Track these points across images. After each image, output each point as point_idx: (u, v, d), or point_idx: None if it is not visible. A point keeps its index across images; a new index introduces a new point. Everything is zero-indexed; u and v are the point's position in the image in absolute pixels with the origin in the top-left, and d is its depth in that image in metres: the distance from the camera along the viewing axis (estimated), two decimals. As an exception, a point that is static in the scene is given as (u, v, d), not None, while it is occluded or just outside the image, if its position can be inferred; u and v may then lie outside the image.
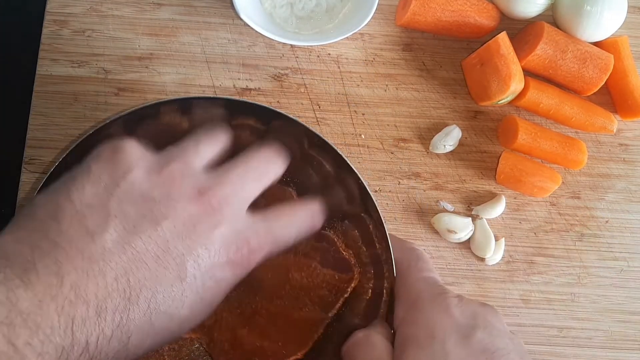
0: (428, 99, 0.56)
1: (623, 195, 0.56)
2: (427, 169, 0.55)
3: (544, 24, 0.54)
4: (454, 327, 0.34)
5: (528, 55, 0.54)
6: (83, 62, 0.54)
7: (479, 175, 0.55)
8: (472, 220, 0.53)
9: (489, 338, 0.34)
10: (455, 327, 0.34)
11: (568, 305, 0.53)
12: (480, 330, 0.34)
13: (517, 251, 0.54)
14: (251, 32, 0.55)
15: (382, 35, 0.57)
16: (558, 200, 0.55)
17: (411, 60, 0.57)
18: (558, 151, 0.54)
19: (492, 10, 0.56)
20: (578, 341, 0.53)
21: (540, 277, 0.53)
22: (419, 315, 0.36)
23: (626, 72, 0.56)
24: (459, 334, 0.34)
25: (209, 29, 0.56)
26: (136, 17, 0.55)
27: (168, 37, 0.55)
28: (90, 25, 0.55)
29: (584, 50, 0.54)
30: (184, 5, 0.56)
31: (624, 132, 0.57)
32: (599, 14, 0.54)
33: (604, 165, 0.56)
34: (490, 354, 0.33)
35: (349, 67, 0.56)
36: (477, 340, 0.34)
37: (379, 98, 0.56)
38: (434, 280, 0.38)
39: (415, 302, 0.37)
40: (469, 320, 0.35)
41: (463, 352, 0.33)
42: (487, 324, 0.35)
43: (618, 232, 0.55)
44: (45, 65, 0.54)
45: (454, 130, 0.54)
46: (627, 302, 0.54)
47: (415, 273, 0.39)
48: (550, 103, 0.54)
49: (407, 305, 0.37)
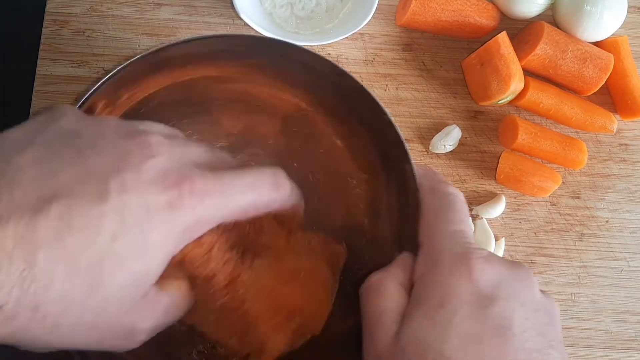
0: (428, 99, 0.56)
1: (623, 195, 0.56)
2: (427, 168, 0.55)
3: (544, 24, 0.54)
4: (470, 295, 0.31)
5: (528, 55, 0.54)
6: (83, 62, 0.54)
7: (479, 175, 0.55)
8: (472, 220, 0.53)
9: (507, 311, 0.31)
10: (471, 296, 0.31)
11: (568, 305, 0.53)
12: (501, 301, 0.31)
13: (517, 251, 0.54)
14: (251, 32, 0.55)
15: (382, 35, 0.57)
16: (558, 200, 0.55)
17: (411, 60, 0.57)
18: (558, 151, 0.54)
19: (492, 10, 0.56)
20: (578, 341, 0.53)
21: (540, 277, 0.53)
22: (435, 278, 0.33)
23: (626, 72, 0.56)
24: (473, 304, 0.31)
25: (209, 29, 0.56)
26: (136, 17, 0.56)
27: (168, 37, 0.55)
28: (90, 25, 0.55)
29: (584, 50, 0.54)
30: (184, 5, 0.56)
31: (624, 132, 0.57)
32: (599, 14, 0.54)
33: (604, 165, 0.56)
34: (503, 330, 0.30)
35: (349, 67, 0.56)
36: (493, 315, 0.30)
37: (379, 98, 0.55)
38: (462, 236, 0.34)
39: (436, 261, 0.33)
40: (491, 289, 0.31)
41: (473, 326, 0.30)
42: (511, 293, 0.31)
43: (618, 232, 0.55)
44: (45, 65, 0.54)
45: (454, 130, 0.54)
46: (627, 302, 0.54)
47: (442, 225, 0.35)
48: (550, 103, 0.54)
49: (427, 262, 0.34)
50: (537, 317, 0.31)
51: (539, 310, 0.32)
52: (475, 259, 0.32)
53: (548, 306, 0.33)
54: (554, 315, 0.33)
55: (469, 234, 0.35)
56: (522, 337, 0.30)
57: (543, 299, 0.33)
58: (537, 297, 0.33)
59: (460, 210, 0.35)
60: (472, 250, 0.33)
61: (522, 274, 0.33)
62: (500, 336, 0.30)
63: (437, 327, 0.30)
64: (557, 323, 0.33)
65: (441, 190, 0.36)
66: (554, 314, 0.33)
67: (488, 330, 0.30)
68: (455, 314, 0.30)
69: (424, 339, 0.30)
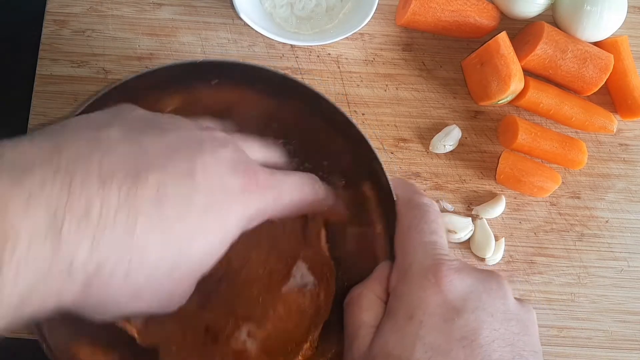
0: (428, 99, 0.56)
1: (623, 195, 0.56)
2: (427, 169, 0.55)
3: (543, 24, 0.54)
4: (438, 307, 0.31)
5: (528, 55, 0.54)
6: (83, 62, 0.54)
7: (479, 175, 0.55)
8: (472, 220, 0.53)
9: (474, 323, 0.31)
10: (439, 308, 0.31)
11: (568, 305, 0.53)
12: (468, 312, 0.31)
13: (517, 251, 0.54)
14: (251, 32, 0.55)
15: (382, 35, 0.57)
16: (558, 200, 0.55)
17: (411, 60, 0.57)
18: (558, 151, 0.54)
19: (492, 10, 0.56)
20: (578, 341, 0.53)
21: (540, 277, 0.53)
22: (405, 290, 0.33)
23: (626, 72, 0.56)
24: (441, 316, 0.31)
25: (208, 29, 0.56)
26: (136, 17, 0.55)
27: (168, 37, 0.55)
28: (90, 25, 0.55)
29: (584, 50, 0.54)
30: (183, 5, 0.56)
31: (623, 132, 0.57)
32: (598, 14, 0.54)
33: (604, 165, 0.56)
34: (470, 342, 0.30)
35: (349, 67, 0.56)
36: (459, 326, 0.31)
37: (379, 98, 0.56)
38: (433, 247, 0.34)
39: (406, 273, 0.34)
40: (459, 300, 0.32)
41: (438, 338, 0.30)
42: (479, 305, 0.32)
43: (618, 232, 0.55)
44: (45, 65, 0.54)
45: (454, 130, 0.54)
46: (627, 302, 0.54)
47: (414, 236, 0.35)
48: (550, 103, 0.54)
49: (400, 273, 0.34)
50: (508, 327, 0.32)
51: (510, 320, 0.32)
52: (445, 270, 0.32)
53: (522, 315, 0.33)
54: (529, 324, 0.33)
55: (442, 244, 0.35)
56: (489, 347, 0.30)
57: (517, 308, 0.33)
58: (510, 306, 0.33)
59: (434, 221, 0.36)
60: (442, 262, 0.33)
61: (493, 284, 0.33)
62: (467, 347, 0.30)
63: (405, 339, 0.31)
64: (531, 332, 0.33)
65: (415, 201, 0.37)
66: (528, 322, 0.33)
67: (454, 341, 0.30)
68: (422, 326, 0.31)
69: (392, 351, 0.31)
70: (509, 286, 0.34)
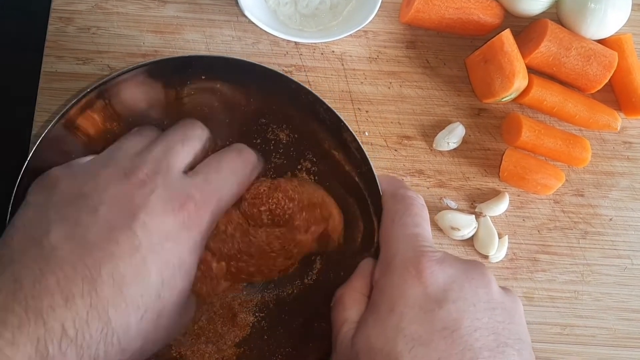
0: (432, 97, 0.56)
1: (627, 192, 0.56)
2: (430, 166, 0.55)
3: (547, 22, 0.54)
4: (419, 298, 0.31)
5: (532, 52, 0.54)
6: (88, 59, 0.54)
7: (483, 172, 0.55)
8: (476, 217, 0.53)
9: (455, 313, 0.31)
10: (420, 299, 0.31)
11: (571, 303, 0.53)
12: (449, 303, 0.31)
13: (521, 249, 0.54)
14: (255, 29, 0.55)
15: (385, 32, 0.57)
16: (562, 197, 0.55)
17: (415, 57, 0.57)
18: (562, 149, 0.54)
19: (495, 8, 0.56)
20: (581, 339, 0.53)
21: (543, 274, 0.53)
22: (387, 282, 0.33)
23: (630, 69, 0.56)
24: (422, 308, 0.31)
25: (213, 27, 0.56)
26: (141, 15, 0.56)
27: (172, 34, 0.56)
28: (95, 22, 0.55)
29: (588, 48, 0.54)
30: (188, 3, 0.56)
31: (627, 129, 0.57)
32: (603, 12, 0.54)
33: (607, 163, 0.56)
34: (450, 332, 0.30)
35: (353, 64, 0.56)
36: (440, 316, 0.31)
37: (383, 95, 0.56)
38: (416, 239, 0.35)
39: (389, 265, 0.34)
40: (441, 291, 0.32)
41: (419, 329, 0.31)
42: (461, 295, 0.32)
43: (622, 230, 0.55)
44: (50, 62, 0.54)
45: (457, 128, 0.55)
46: (631, 299, 0.54)
47: (397, 229, 0.35)
48: (554, 100, 0.54)
49: (383, 267, 0.35)
50: (492, 316, 0.32)
51: (494, 309, 0.32)
52: (425, 262, 0.33)
53: (507, 304, 0.33)
54: (514, 313, 0.33)
55: (425, 237, 0.35)
56: (470, 337, 0.30)
57: (501, 296, 0.33)
58: (493, 295, 0.33)
59: (418, 214, 0.36)
60: (424, 253, 0.33)
61: (476, 274, 0.33)
62: (448, 338, 0.30)
63: (386, 331, 0.31)
64: (517, 320, 0.33)
65: (400, 195, 0.37)
66: (513, 311, 0.33)
67: (435, 332, 0.30)
68: (403, 318, 0.31)
69: (375, 344, 0.31)
70: (492, 275, 0.34)
